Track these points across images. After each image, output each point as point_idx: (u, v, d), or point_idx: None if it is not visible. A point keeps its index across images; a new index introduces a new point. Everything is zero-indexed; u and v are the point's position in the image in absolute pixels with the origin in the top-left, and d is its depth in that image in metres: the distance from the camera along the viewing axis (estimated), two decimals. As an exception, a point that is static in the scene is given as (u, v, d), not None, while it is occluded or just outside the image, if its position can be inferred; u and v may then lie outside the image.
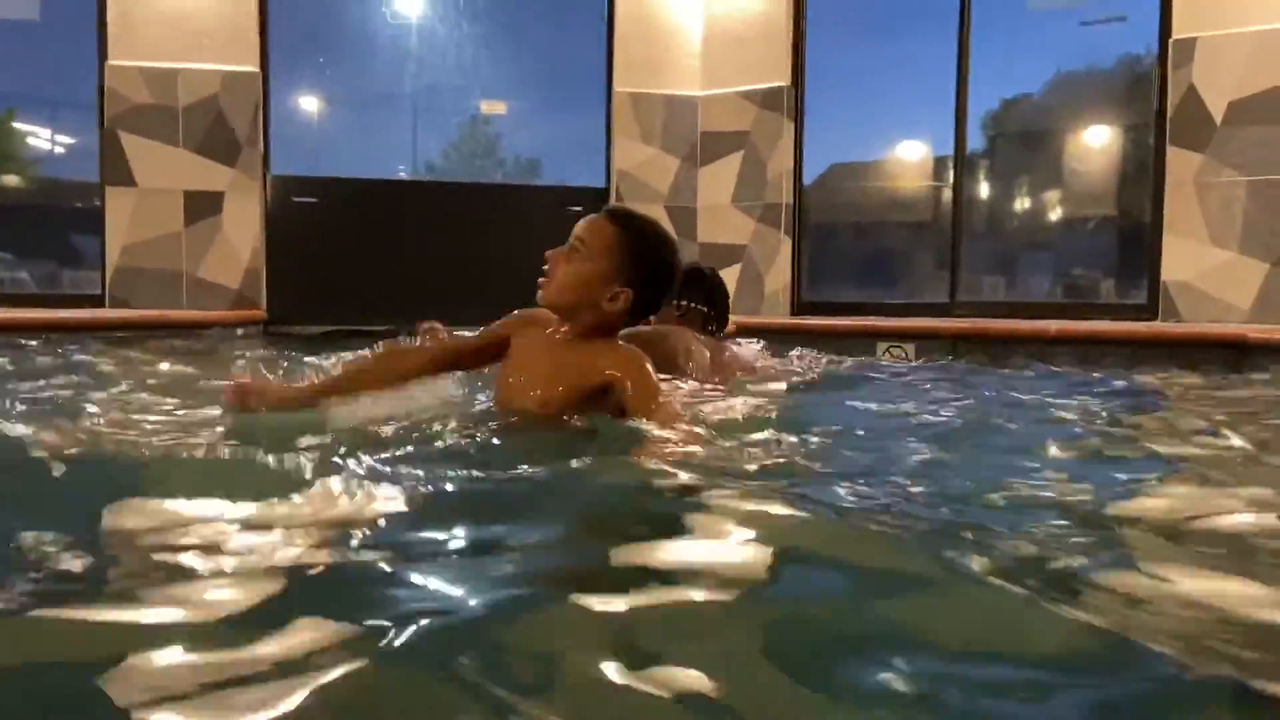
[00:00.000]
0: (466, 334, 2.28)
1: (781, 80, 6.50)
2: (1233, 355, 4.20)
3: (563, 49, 7.55)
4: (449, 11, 7.56)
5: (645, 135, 6.71)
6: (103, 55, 6.08)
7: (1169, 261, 5.42)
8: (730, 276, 6.31)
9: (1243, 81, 5.18)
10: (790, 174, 6.53)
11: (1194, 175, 5.33)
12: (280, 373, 2.70)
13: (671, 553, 1.20)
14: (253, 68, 6.20)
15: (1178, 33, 5.40)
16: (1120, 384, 3.32)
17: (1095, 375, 3.63)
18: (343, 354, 2.61)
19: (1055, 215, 8.08)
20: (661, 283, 2.04)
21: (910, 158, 7.97)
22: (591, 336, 2.02)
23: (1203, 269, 5.30)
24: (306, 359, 3.46)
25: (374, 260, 6.40)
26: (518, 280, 2.25)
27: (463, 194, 7.02)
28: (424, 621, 0.95)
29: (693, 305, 3.25)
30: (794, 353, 3.98)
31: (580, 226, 2.01)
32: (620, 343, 2.04)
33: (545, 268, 2.01)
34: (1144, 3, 5.71)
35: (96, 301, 6.11)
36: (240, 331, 5.93)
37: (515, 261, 2.37)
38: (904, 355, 5.13)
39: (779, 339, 4.48)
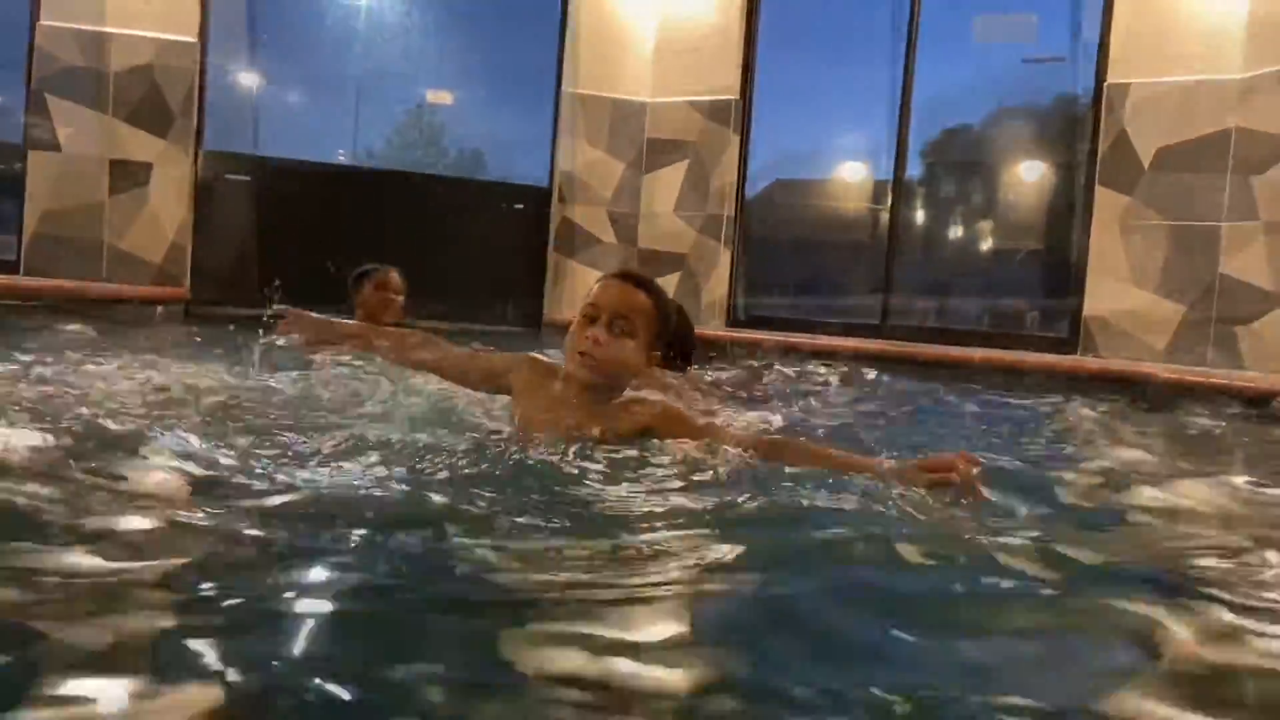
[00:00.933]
0: (468, 350, 2.41)
1: (730, 93, 6.50)
2: (1142, 392, 4.29)
3: (514, 44, 7.44)
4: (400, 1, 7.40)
5: (591, 137, 6.65)
6: (35, 15, 5.82)
7: (1091, 298, 5.54)
8: (669, 285, 6.27)
9: (1171, 129, 5.32)
10: (734, 186, 6.54)
11: (1120, 216, 5.46)
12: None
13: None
14: (190, 38, 5.99)
15: (1113, 78, 5.53)
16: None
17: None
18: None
19: (987, 245, 8.22)
20: (685, 338, 2.20)
21: (851, 179, 8.03)
22: (612, 392, 2.05)
23: (1122, 307, 5.43)
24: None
25: (306, 245, 6.21)
26: (453, 272, 2.24)
27: (403, 183, 6.87)
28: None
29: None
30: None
31: (616, 303, 2.00)
32: (638, 395, 2.07)
33: (586, 349, 1.97)
34: (1083, 46, 5.85)
35: (11, 268, 5.84)
36: (160, 309, 5.71)
37: (453, 253, 2.37)
38: (835, 374, 5.15)
39: (714, 350, 4.47)
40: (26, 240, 5.83)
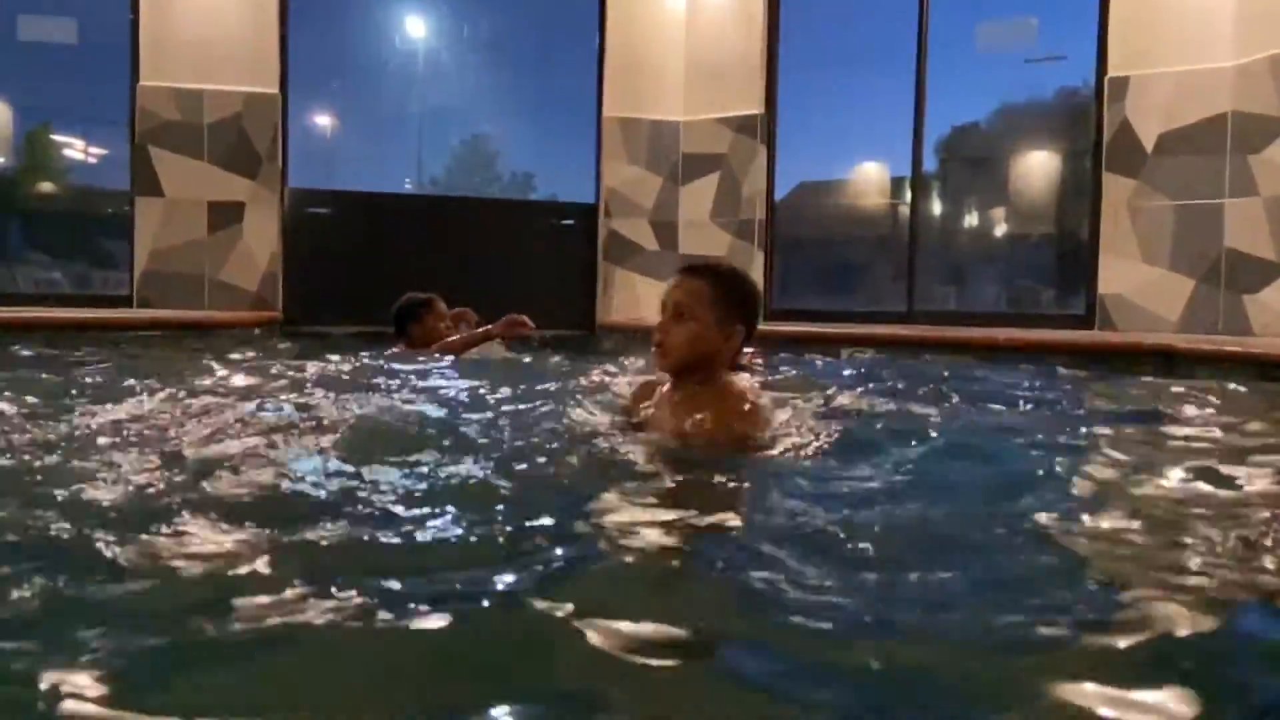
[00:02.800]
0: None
1: (756, 108, 6.50)
2: (1163, 363, 4.22)
3: (557, 76, 7.52)
4: (454, 40, 7.51)
5: (631, 156, 6.70)
6: (135, 76, 6.00)
7: (1105, 276, 5.46)
8: (708, 285, 6.30)
9: (1171, 115, 5.22)
10: (763, 193, 6.54)
11: (1127, 199, 5.37)
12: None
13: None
14: (272, 89, 6.13)
15: (1113, 71, 5.45)
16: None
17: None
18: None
19: (1001, 232, 8.12)
20: (756, 309, 2.10)
21: (871, 177, 7.99)
22: (708, 381, 2.03)
23: (1135, 284, 5.34)
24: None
25: (381, 266, 6.33)
26: (511, 284, 2.26)
27: (463, 207, 6.97)
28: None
29: None
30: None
31: (675, 294, 2.02)
32: (733, 384, 2.05)
33: (657, 339, 2.00)
34: (1082, 42, 5.76)
35: (125, 302, 6.03)
36: (257, 330, 5.86)
37: (511, 267, 2.36)
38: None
39: (753, 343, 4.46)
40: (138, 277, 6.02)
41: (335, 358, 3.64)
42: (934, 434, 2.13)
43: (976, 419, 2.55)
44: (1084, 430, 2.35)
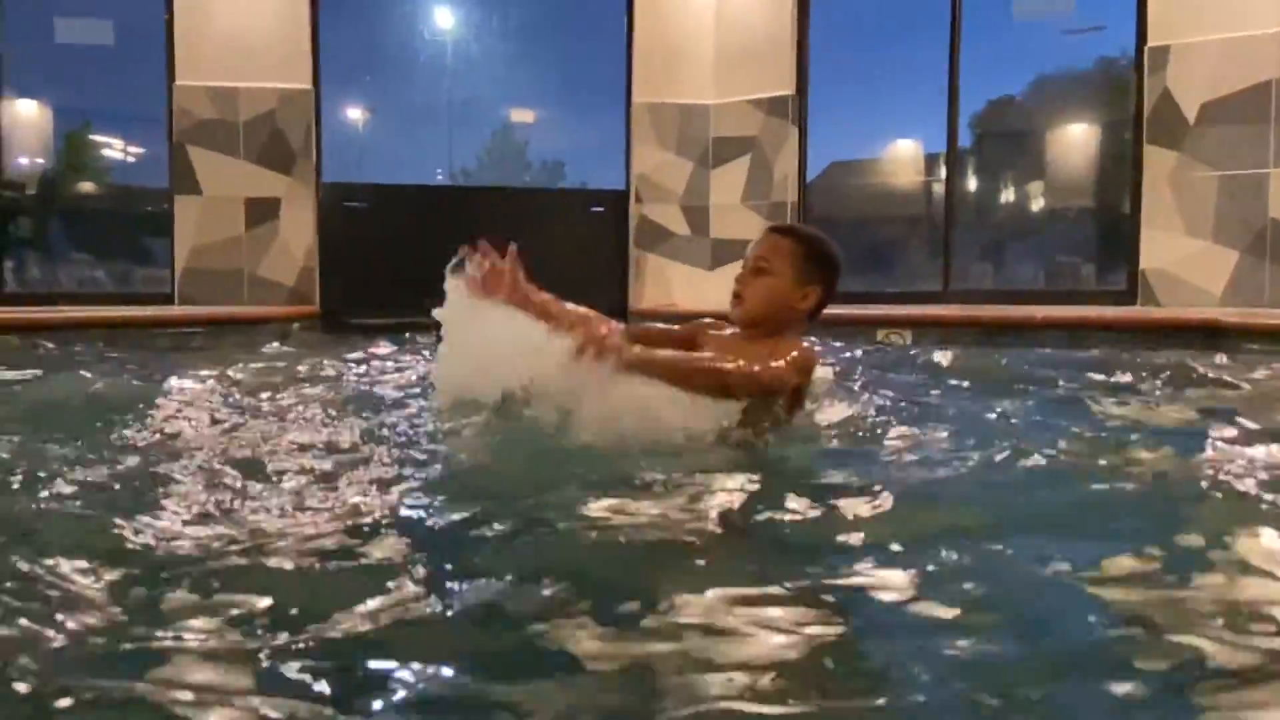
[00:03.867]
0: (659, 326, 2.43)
1: (786, 89, 6.46)
2: (1208, 338, 4.16)
3: (585, 62, 7.53)
4: (482, 30, 7.55)
5: (661, 141, 6.69)
6: (171, 76, 6.11)
7: (1146, 250, 5.38)
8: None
9: (1214, 84, 5.11)
10: (795, 174, 6.51)
11: (1169, 171, 5.28)
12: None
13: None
14: (306, 85, 6.21)
15: (1153, 40, 5.34)
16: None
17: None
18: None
19: (1038, 206, 8.01)
20: (835, 273, 2.13)
21: (904, 155, 7.91)
22: (780, 333, 2.08)
23: (1178, 257, 5.26)
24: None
25: (415, 258, 6.38)
26: (545, 272, 2.28)
27: (495, 197, 7.01)
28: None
29: None
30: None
31: (758, 249, 2.10)
32: (793, 341, 2.07)
33: (736, 290, 2.08)
34: (1120, 12, 5.65)
35: (167, 299, 6.16)
36: (296, 325, 5.96)
37: (544, 255, 2.38)
38: (902, 341, 5.12)
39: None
40: (179, 274, 6.14)
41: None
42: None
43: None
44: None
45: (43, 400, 2.68)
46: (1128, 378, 3.09)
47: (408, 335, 4.14)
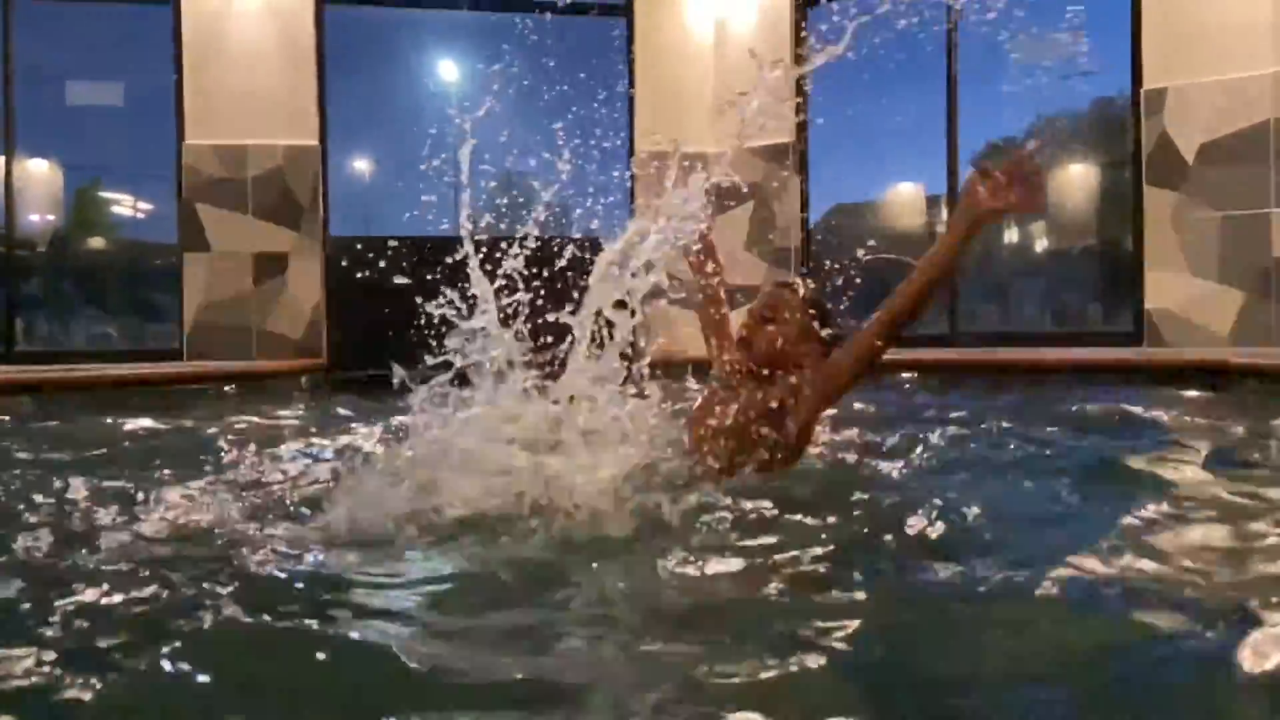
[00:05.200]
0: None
1: (786, 136, 6.54)
2: (1215, 379, 4.15)
3: (588, 110, 7.63)
4: (486, 82, 7.68)
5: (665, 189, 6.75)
6: (180, 135, 6.21)
7: (1151, 291, 5.39)
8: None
9: (1212, 126, 5.16)
10: (798, 220, 6.56)
11: (1171, 212, 5.31)
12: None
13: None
14: (312, 141, 6.31)
15: (1149, 83, 5.40)
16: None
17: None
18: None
19: (1042, 247, 8.04)
20: (832, 322, 2.31)
21: (906, 197, 7.97)
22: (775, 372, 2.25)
23: (1183, 298, 5.26)
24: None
25: (421, 310, 6.43)
26: (553, 321, 2.34)
27: (500, 246, 7.05)
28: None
29: None
30: None
31: (762, 299, 2.30)
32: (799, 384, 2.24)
33: (744, 335, 2.26)
34: (1116, 53, 5.72)
35: (176, 355, 6.20)
36: (304, 379, 5.99)
37: (547, 304, 2.42)
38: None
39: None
40: (187, 330, 6.19)
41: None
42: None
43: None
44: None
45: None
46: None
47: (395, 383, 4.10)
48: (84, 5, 6.48)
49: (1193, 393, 3.85)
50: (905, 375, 4.99)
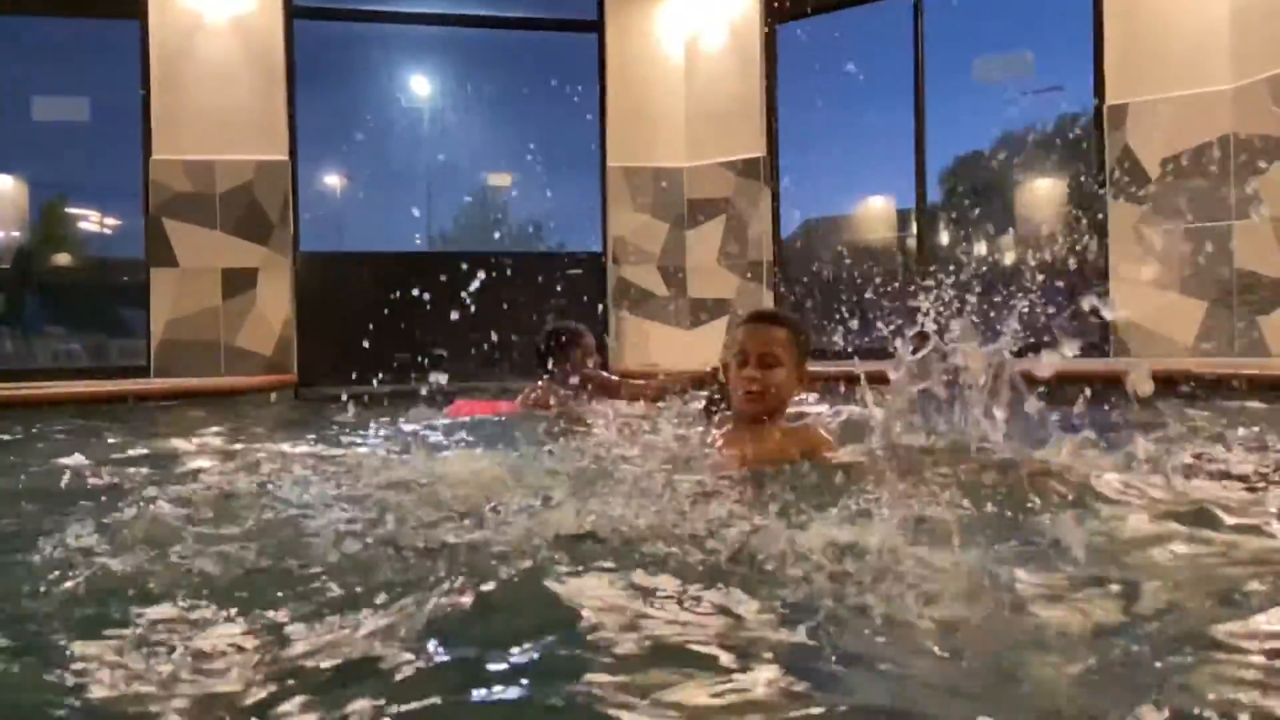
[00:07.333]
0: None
1: (758, 151, 6.59)
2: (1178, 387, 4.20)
3: (560, 127, 7.64)
4: (458, 97, 7.67)
5: (637, 204, 6.78)
6: (147, 150, 6.15)
7: (1116, 302, 5.46)
8: (718, 329, 6.36)
9: (1173, 140, 5.26)
10: (769, 233, 6.60)
11: (1134, 224, 5.39)
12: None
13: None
14: (282, 156, 6.26)
15: (1111, 99, 5.50)
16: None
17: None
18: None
19: (1009, 260, 8.14)
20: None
21: (877, 212, 8.04)
22: (775, 416, 2.22)
23: (1147, 309, 5.34)
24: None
25: (393, 325, 6.39)
26: (525, 334, 2.34)
27: (472, 261, 7.02)
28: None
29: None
30: None
31: (759, 343, 2.20)
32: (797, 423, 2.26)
33: (754, 387, 2.16)
34: (1078, 71, 5.81)
35: (143, 371, 6.11)
36: (274, 395, 5.92)
37: (523, 318, 2.43)
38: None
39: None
40: (155, 346, 6.11)
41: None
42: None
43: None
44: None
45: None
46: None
47: (366, 399, 4.04)
48: (50, 19, 6.41)
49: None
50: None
